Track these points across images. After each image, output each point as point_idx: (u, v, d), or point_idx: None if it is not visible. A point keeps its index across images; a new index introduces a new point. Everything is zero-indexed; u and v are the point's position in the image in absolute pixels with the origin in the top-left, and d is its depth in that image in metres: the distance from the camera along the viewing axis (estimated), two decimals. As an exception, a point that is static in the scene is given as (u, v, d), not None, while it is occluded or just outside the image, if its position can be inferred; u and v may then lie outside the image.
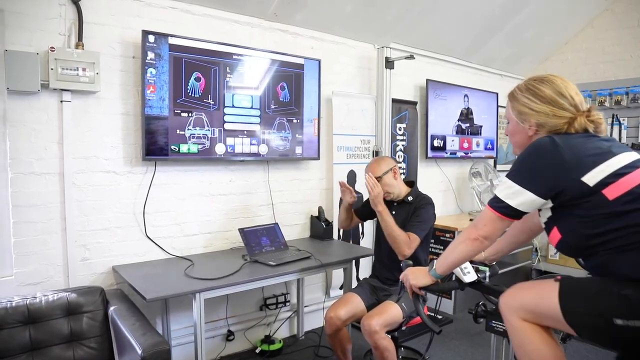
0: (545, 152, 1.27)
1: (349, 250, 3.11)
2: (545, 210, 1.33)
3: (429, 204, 2.43)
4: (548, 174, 1.26)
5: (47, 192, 2.29)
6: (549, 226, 1.35)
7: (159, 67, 2.48)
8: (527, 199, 1.27)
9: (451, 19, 3.79)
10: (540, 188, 1.26)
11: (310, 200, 3.35)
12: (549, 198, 1.28)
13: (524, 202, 1.28)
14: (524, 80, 1.44)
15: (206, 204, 2.84)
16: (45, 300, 2.09)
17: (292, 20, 3.13)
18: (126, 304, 2.22)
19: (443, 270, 1.46)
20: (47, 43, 2.21)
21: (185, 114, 2.60)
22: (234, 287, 2.26)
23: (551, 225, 1.33)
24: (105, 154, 2.45)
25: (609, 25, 4.61)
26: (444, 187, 4.45)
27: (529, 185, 1.26)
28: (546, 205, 1.31)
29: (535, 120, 1.36)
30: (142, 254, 2.60)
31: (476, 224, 1.37)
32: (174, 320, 2.71)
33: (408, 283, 1.52)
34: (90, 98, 2.38)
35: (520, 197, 1.27)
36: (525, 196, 1.27)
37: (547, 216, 1.34)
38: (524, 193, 1.27)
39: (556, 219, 1.32)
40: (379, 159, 2.61)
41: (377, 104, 3.60)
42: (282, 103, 3.01)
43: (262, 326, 3.11)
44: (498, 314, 1.48)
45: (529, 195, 1.26)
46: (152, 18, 2.56)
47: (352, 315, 2.39)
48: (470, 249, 1.37)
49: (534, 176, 1.27)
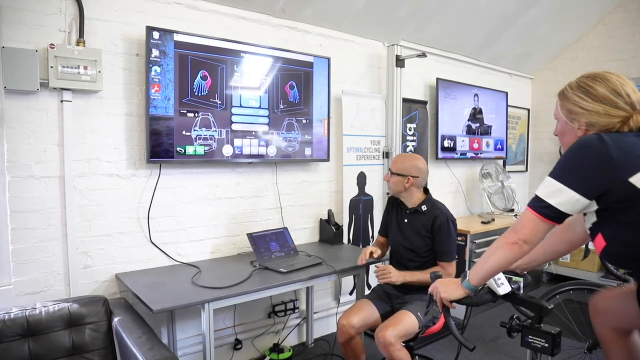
0: (591, 149, 1.19)
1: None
2: (590, 214, 1.25)
3: (447, 221, 2.27)
4: (592, 172, 1.18)
5: (46, 197, 2.18)
6: (593, 232, 1.26)
7: (163, 65, 2.37)
8: (569, 198, 1.18)
9: (463, 16, 3.69)
10: (583, 186, 1.17)
11: (320, 203, 3.24)
12: (592, 198, 1.19)
13: (566, 201, 1.19)
14: (578, 78, 1.34)
15: (213, 208, 2.73)
16: (45, 311, 1.98)
17: (300, 17, 3.02)
18: (131, 314, 2.10)
19: (478, 280, 1.35)
20: (47, 40, 2.10)
21: (191, 114, 2.48)
22: (245, 296, 2.15)
23: (596, 231, 1.25)
24: (107, 157, 2.34)
25: (621, 22, 4.51)
26: (453, 188, 4.34)
27: (571, 183, 1.18)
28: (590, 208, 1.22)
29: (586, 119, 1.28)
30: (146, 261, 2.48)
31: (515, 227, 1.27)
32: (180, 329, 2.60)
33: (438, 296, 1.41)
34: (91, 98, 2.27)
35: (562, 196, 1.19)
36: (567, 195, 1.18)
37: (591, 221, 1.26)
38: (566, 191, 1.18)
39: (601, 225, 1.24)
40: (407, 157, 2.42)
41: (387, 103, 3.49)
42: (291, 103, 2.90)
43: (270, 334, 3.00)
44: (535, 328, 1.38)
45: (571, 194, 1.18)
46: (157, 14, 2.45)
47: (365, 324, 2.30)
48: (508, 254, 1.27)
49: (577, 174, 1.19)
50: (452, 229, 2.29)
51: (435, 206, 2.34)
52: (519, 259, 1.31)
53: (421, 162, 2.37)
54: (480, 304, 1.39)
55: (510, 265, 1.39)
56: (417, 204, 2.35)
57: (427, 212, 2.32)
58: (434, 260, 2.32)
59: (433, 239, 2.28)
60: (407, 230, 2.36)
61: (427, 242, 2.30)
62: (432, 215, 2.29)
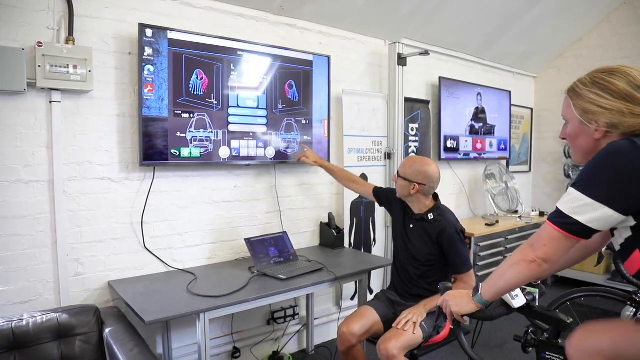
0: (625, 158, 1.04)
1: (362, 260, 2.90)
2: (624, 229, 1.11)
3: (456, 232, 2.16)
4: (629, 184, 1.03)
5: (35, 202, 2.08)
6: (627, 249, 1.12)
7: (157, 64, 2.27)
8: (602, 215, 1.04)
9: (466, 14, 3.59)
10: (620, 202, 1.03)
11: (320, 206, 3.15)
12: (630, 214, 1.05)
13: (597, 218, 1.05)
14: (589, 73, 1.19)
15: (209, 212, 2.63)
16: (33, 322, 1.88)
17: (299, 14, 2.92)
18: (123, 324, 2.01)
19: (491, 296, 1.25)
20: (34, 38, 2.00)
21: (186, 115, 2.39)
22: (242, 305, 2.06)
23: (631, 248, 1.11)
24: (99, 160, 2.25)
25: (627, 19, 4.41)
26: (456, 189, 4.25)
27: (605, 199, 1.03)
28: (625, 224, 1.08)
29: (607, 120, 1.12)
30: (140, 268, 2.39)
31: (533, 243, 1.14)
32: (177, 338, 2.51)
33: (449, 310, 1.32)
34: (82, 98, 2.18)
35: (593, 213, 1.05)
36: (600, 212, 1.04)
37: (625, 236, 1.12)
38: (598, 208, 1.04)
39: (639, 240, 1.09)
40: (417, 161, 2.24)
41: (389, 103, 3.40)
42: (290, 102, 2.81)
43: (269, 341, 2.91)
44: (551, 343, 1.29)
45: (605, 211, 1.04)
46: (150, 11, 2.35)
47: (367, 331, 2.21)
48: (525, 273, 1.15)
49: (610, 187, 1.04)
50: (462, 240, 2.19)
51: (443, 216, 2.21)
52: (538, 278, 1.20)
53: (432, 168, 2.20)
54: (494, 319, 1.30)
55: (527, 283, 1.27)
56: (423, 211, 2.24)
57: (433, 221, 2.20)
58: (435, 269, 2.23)
59: (443, 251, 2.18)
60: (412, 236, 2.27)
61: (431, 251, 2.20)
62: (439, 226, 2.17)
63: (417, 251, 2.24)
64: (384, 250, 3.43)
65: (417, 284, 2.27)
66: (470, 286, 2.20)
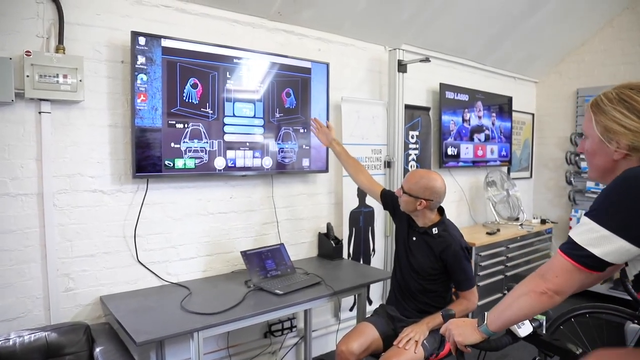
0: None
1: (362, 273, 2.82)
2: (638, 261, 1.03)
3: (461, 248, 2.10)
4: None
5: (23, 216, 2.02)
6: None
7: (150, 72, 2.21)
8: (619, 248, 0.96)
9: (466, 19, 3.53)
10: (638, 235, 0.95)
11: (318, 217, 3.09)
12: None
13: (614, 251, 0.97)
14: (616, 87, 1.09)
15: (204, 224, 2.56)
16: (20, 342, 1.81)
17: (297, 20, 2.86)
18: (114, 343, 1.94)
19: (497, 327, 1.18)
20: (22, 46, 1.94)
21: (180, 125, 2.33)
22: (237, 323, 2.00)
23: None
24: (90, 172, 2.18)
25: (630, 24, 4.36)
26: (457, 197, 4.19)
27: (623, 231, 0.95)
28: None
29: (629, 142, 1.03)
30: (133, 282, 2.32)
31: (544, 274, 1.07)
32: (171, 353, 2.44)
33: (452, 339, 1.25)
34: (72, 108, 2.11)
35: (609, 245, 0.96)
36: (616, 244, 0.96)
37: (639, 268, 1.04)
38: (615, 240, 0.96)
39: None
40: (423, 176, 2.14)
41: (388, 110, 3.33)
42: (287, 111, 2.74)
43: (266, 355, 2.85)
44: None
45: (621, 244, 0.95)
46: (143, 18, 2.29)
47: (366, 349, 2.14)
48: (535, 305, 1.08)
49: (629, 219, 0.96)
50: (467, 255, 2.13)
51: (448, 231, 2.14)
52: (548, 309, 1.13)
53: (438, 182, 2.12)
54: (499, 349, 1.24)
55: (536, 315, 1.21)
56: (428, 225, 2.17)
57: (437, 236, 2.13)
58: (437, 284, 2.17)
59: (447, 267, 2.12)
60: (414, 248, 2.20)
61: (432, 266, 2.13)
62: (443, 242, 2.10)
63: (418, 264, 2.18)
64: (384, 260, 3.37)
65: (418, 298, 2.21)
66: (472, 303, 2.15)
